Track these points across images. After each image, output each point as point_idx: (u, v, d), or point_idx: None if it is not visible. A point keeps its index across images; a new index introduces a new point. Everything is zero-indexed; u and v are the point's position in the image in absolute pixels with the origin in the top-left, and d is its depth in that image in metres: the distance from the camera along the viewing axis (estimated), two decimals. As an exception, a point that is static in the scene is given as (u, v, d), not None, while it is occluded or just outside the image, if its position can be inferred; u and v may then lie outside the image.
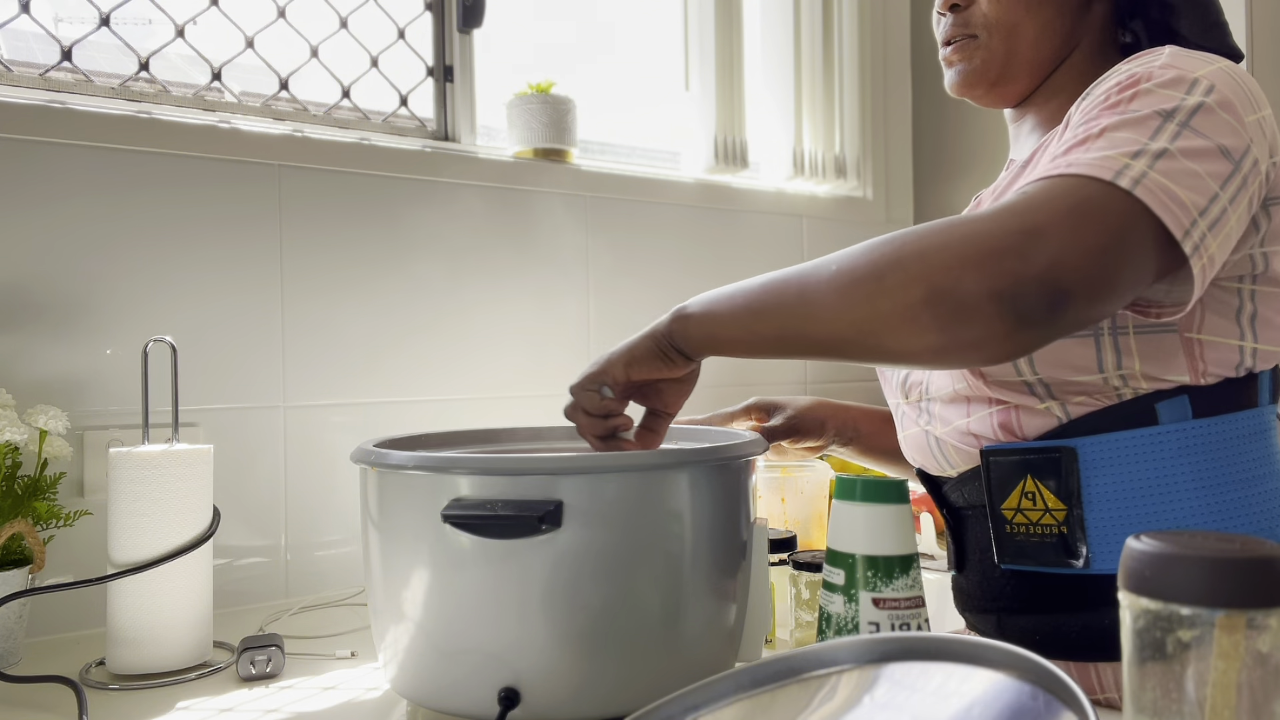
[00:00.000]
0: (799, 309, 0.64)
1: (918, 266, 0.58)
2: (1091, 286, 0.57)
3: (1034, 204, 0.59)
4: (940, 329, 0.58)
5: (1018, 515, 0.75)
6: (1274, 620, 0.37)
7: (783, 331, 0.66)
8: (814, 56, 1.79)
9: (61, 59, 1.17)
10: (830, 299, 0.62)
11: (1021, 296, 0.56)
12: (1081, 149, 0.63)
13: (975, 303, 0.56)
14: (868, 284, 0.60)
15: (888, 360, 0.62)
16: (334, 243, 1.24)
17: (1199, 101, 0.64)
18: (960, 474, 0.81)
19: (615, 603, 0.66)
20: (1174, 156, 0.61)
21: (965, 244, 0.57)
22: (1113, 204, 0.58)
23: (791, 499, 1.07)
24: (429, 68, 1.43)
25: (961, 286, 0.57)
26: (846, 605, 0.66)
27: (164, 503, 0.87)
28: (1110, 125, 0.63)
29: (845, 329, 0.62)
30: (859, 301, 0.61)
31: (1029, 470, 0.74)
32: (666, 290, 1.54)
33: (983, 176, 1.82)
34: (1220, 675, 0.37)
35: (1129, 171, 0.59)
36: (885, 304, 0.59)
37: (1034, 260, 0.56)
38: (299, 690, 0.83)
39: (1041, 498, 0.73)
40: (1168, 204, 0.59)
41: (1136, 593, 0.40)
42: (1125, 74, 0.68)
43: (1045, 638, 0.75)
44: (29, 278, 1.05)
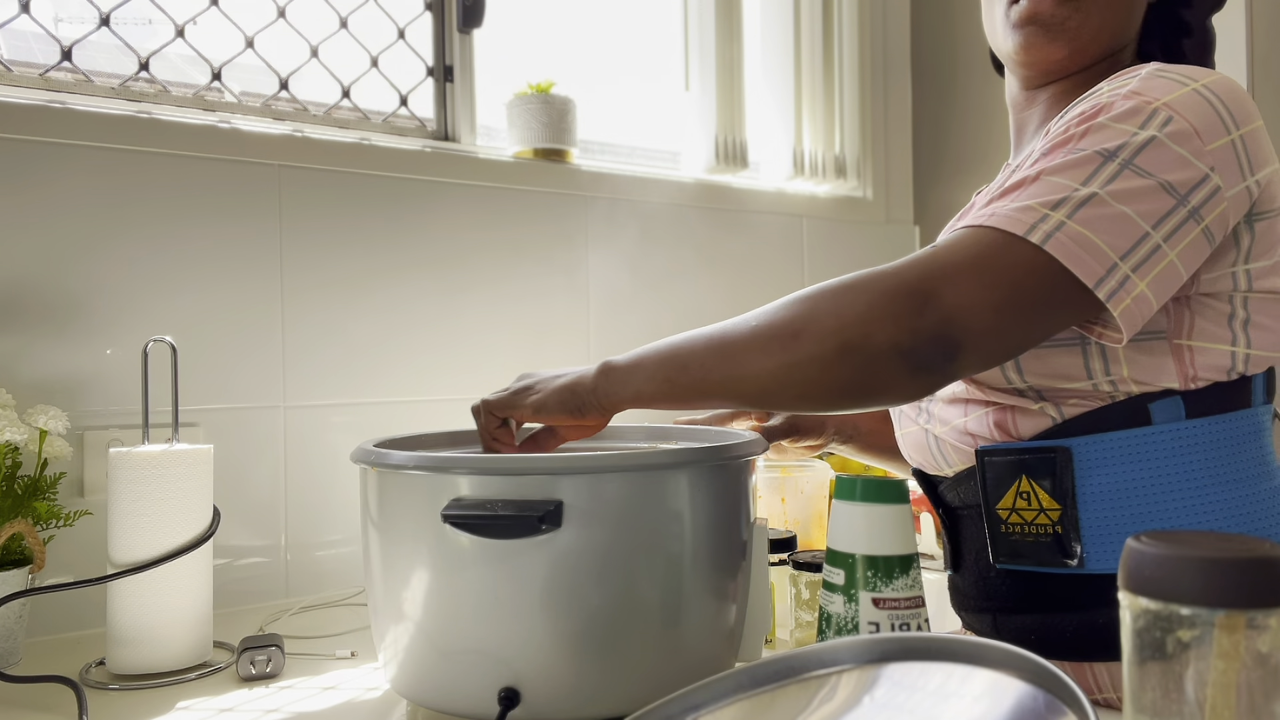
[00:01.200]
0: (722, 364, 0.68)
1: (831, 322, 0.64)
2: (984, 339, 0.62)
3: (940, 258, 0.64)
4: (853, 378, 0.63)
5: (1013, 515, 0.75)
6: (1274, 620, 0.37)
7: (705, 385, 0.69)
8: (814, 56, 1.79)
9: (61, 59, 1.17)
10: (752, 354, 0.66)
11: (918, 350, 0.62)
12: (1011, 195, 0.66)
13: (881, 355, 0.62)
14: (785, 339, 0.65)
15: (805, 407, 0.67)
16: (334, 243, 1.24)
17: (1149, 136, 0.64)
18: (956, 473, 0.81)
19: (615, 603, 0.66)
20: (1101, 202, 0.63)
21: (872, 298, 0.63)
22: (1017, 257, 0.62)
23: (791, 499, 1.07)
24: (429, 68, 1.44)
25: (869, 341, 0.62)
26: (846, 605, 0.66)
27: (164, 503, 0.87)
28: (1048, 169, 0.66)
29: (766, 380, 0.66)
30: (777, 354, 0.65)
31: (1024, 470, 0.74)
32: (666, 290, 1.54)
33: (983, 176, 1.82)
34: (1220, 675, 0.37)
35: (1043, 225, 0.63)
36: (802, 356, 0.64)
37: (928, 316, 0.62)
38: (299, 690, 0.83)
39: (1036, 497, 0.73)
40: (1079, 255, 0.62)
41: (1136, 593, 0.40)
42: (1090, 103, 0.69)
43: (1041, 637, 0.76)
44: (29, 278, 1.05)
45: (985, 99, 1.81)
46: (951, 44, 1.87)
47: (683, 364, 0.70)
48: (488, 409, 0.79)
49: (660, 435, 0.94)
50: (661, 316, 1.54)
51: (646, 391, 0.72)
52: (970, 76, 1.84)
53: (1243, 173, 0.66)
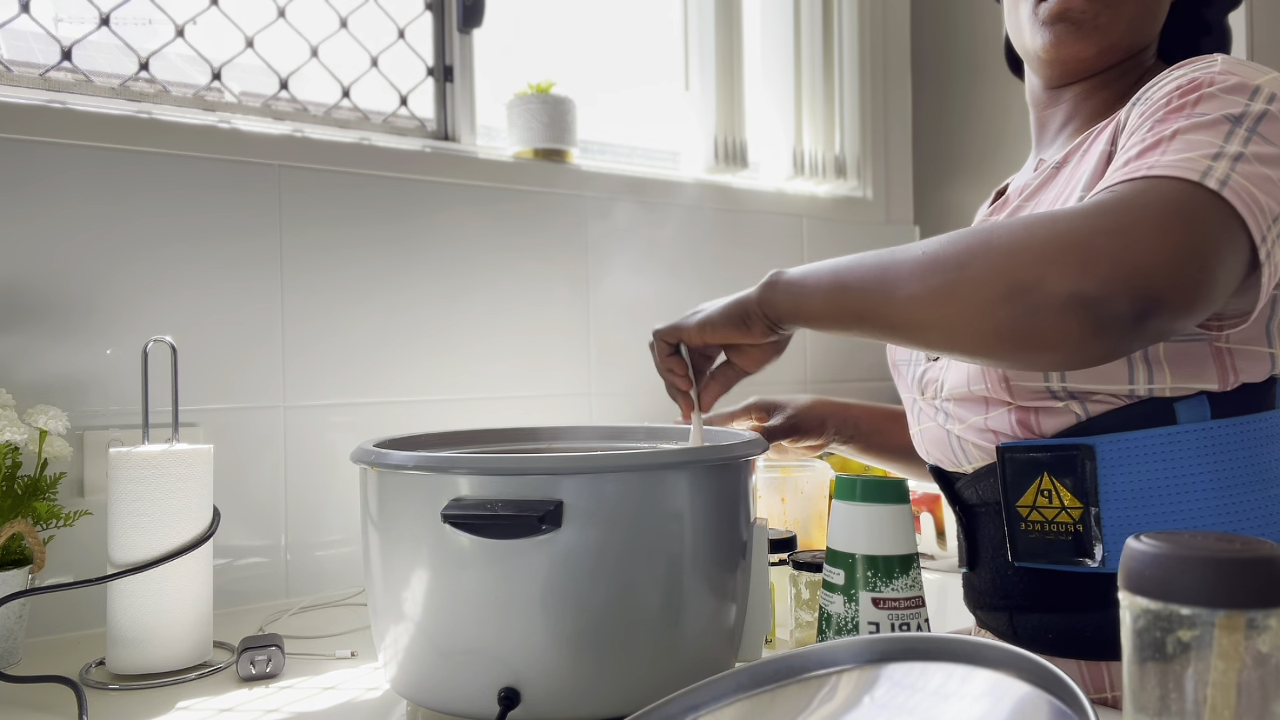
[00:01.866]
0: (881, 287, 0.65)
1: (1002, 260, 0.58)
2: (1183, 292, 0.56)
3: (1122, 205, 0.57)
4: (1015, 325, 0.57)
5: (1033, 513, 0.74)
6: (1274, 620, 0.37)
7: (863, 308, 0.66)
8: (814, 56, 1.79)
9: (61, 59, 1.17)
10: (912, 282, 0.62)
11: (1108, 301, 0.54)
12: (1157, 152, 0.62)
13: (1057, 303, 0.55)
14: (950, 271, 0.60)
15: (957, 350, 0.62)
16: (334, 243, 1.24)
17: (1263, 109, 0.63)
18: (975, 470, 0.81)
19: (615, 603, 0.66)
20: (1249, 160, 0.60)
21: (1052, 241, 0.56)
22: (1201, 205, 0.57)
23: (791, 499, 1.07)
24: (429, 68, 1.44)
25: (1045, 285, 0.55)
26: (846, 605, 0.66)
27: (164, 503, 0.87)
28: (1182, 128, 0.62)
29: (922, 312, 0.62)
30: (939, 288, 0.61)
31: (1046, 467, 0.73)
32: (666, 290, 1.54)
33: (983, 177, 1.82)
34: (1220, 675, 0.37)
35: (1214, 173, 0.58)
36: (965, 292, 0.59)
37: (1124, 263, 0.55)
38: (299, 690, 0.83)
39: (1058, 495, 0.73)
40: (1251, 207, 0.58)
41: (1136, 593, 0.40)
42: (1185, 78, 0.67)
43: (1058, 636, 0.75)
44: (29, 278, 1.05)
45: (985, 99, 1.81)
46: (951, 44, 1.87)
47: (844, 284, 0.68)
48: (658, 337, 0.79)
49: (660, 435, 0.94)
50: (661, 316, 1.53)
51: (807, 308, 0.71)
52: (970, 76, 1.84)
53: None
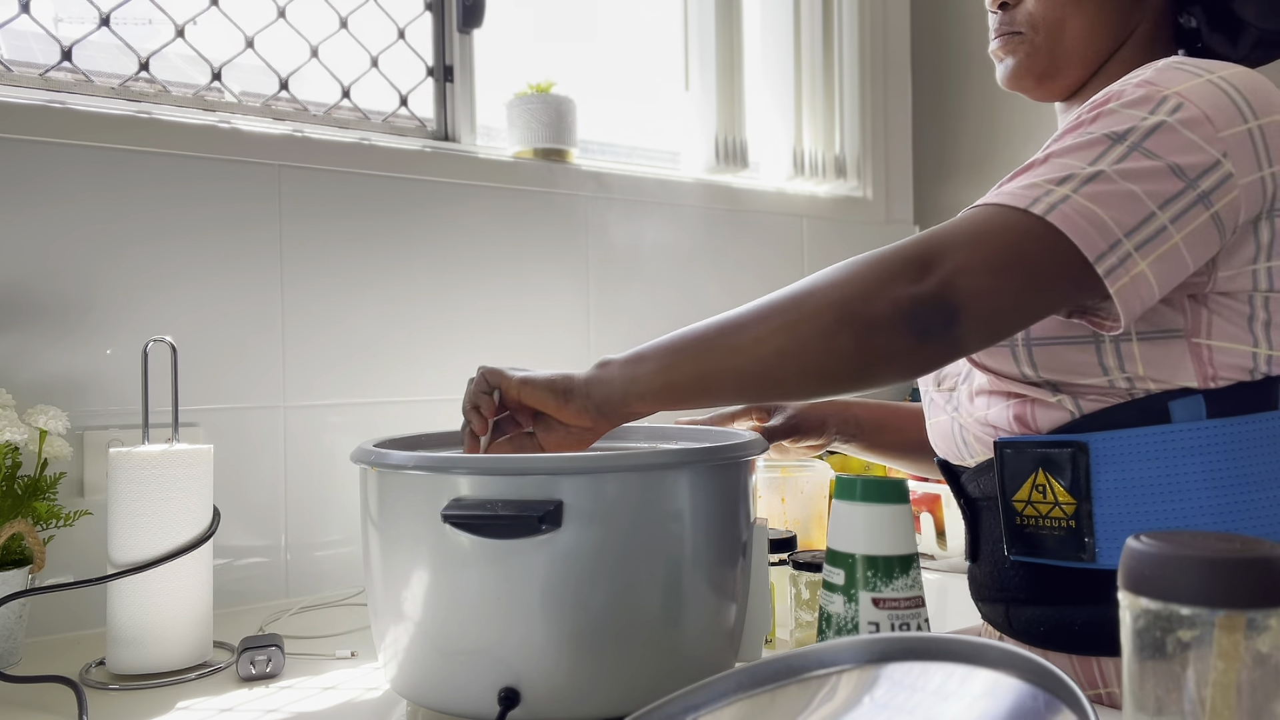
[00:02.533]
0: (721, 341, 0.67)
1: (832, 293, 0.64)
2: (985, 303, 0.62)
3: (943, 230, 0.64)
4: (856, 348, 0.63)
5: (1028, 507, 0.75)
6: (1274, 620, 0.37)
7: (706, 367, 0.67)
8: (814, 56, 1.79)
9: (61, 59, 1.17)
10: (751, 329, 0.66)
11: (917, 314, 0.61)
12: (1020, 177, 0.66)
13: (881, 320, 0.62)
14: (787, 311, 0.65)
15: (809, 386, 0.65)
16: (334, 243, 1.24)
17: (1158, 121, 0.65)
18: (977, 464, 0.82)
19: (615, 603, 0.66)
20: (1109, 179, 0.63)
21: (873, 269, 0.63)
22: (1018, 227, 0.63)
23: (791, 499, 1.07)
24: (429, 68, 1.44)
25: (870, 307, 0.62)
26: (846, 605, 0.66)
27: (164, 503, 0.87)
28: (1057, 151, 0.66)
29: (769, 355, 0.65)
30: (777, 328, 0.65)
31: (1040, 463, 0.74)
32: (666, 290, 1.54)
33: (983, 177, 1.82)
34: (1220, 675, 0.37)
35: (1047, 199, 0.63)
36: (805, 328, 0.64)
37: (927, 280, 0.61)
38: (299, 690, 0.83)
39: (1052, 491, 0.74)
40: (1084, 227, 0.62)
41: (1136, 593, 0.40)
42: (1103, 94, 0.69)
43: (1051, 630, 0.76)
44: (29, 278, 1.05)
45: (985, 99, 1.81)
46: (951, 44, 1.87)
47: (680, 350, 0.69)
48: (481, 375, 0.76)
49: (660, 435, 0.94)
50: (662, 316, 1.54)
51: (646, 384, 0.69)
52: (970, 76, 1.84)
53: (1259, 162, 0.66)
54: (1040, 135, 1.71)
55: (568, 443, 0.76)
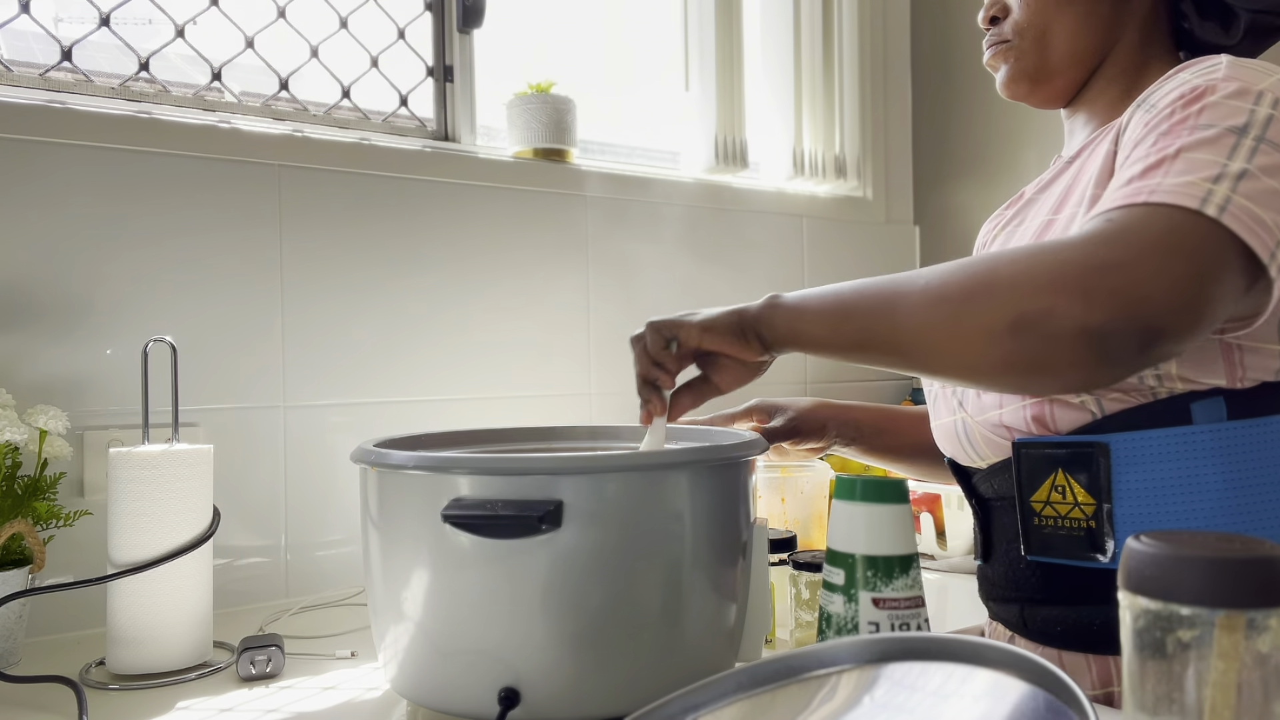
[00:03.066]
0: (887, 316, 0.66)
1: (1007, 292, 0.60)
2: (1183, 322, 0.58)
3: (1123, 235, 0.60)
4: (1021, 355, 0.59)
5: (1046, 508, 0.75)
6: (1274, 620, 0.37)
7: (867, 336, 0.67)
8: (814, 56, 1.79)
9: (61, 59, 1.17)
10: (919, 312, 0.64)
11: (1113, 334, 0.57)
12: (1159, 172, 0.63)
13: (1064, 335, 0.58)
14: (956, 301, 0.62)
15: (961, 378, 0.64)
16: (334, 243, 1.24)
17: (1268, 114, 0.64)
18: (990, 465, 0.82)
19: (615, 603, 0.66)
20: (1254, 176, 0.61)
21: (1057, 273, 0.58)
22: (1201, 234, 0.59)
23: (791, 499, 1.07)
24: (429, 68, 1.44)
25: (1052, 317, 0.58)
26: (846, 605, 0.66)
27: (164, 503, 0.87)
28: (1186, 145, 0.64)
29: (927, 342, 0.64)
30: (945, 317, 0.62)
31: (1060, 464, 0.74)
32: (666, 290, 1.54)
33: (983, 177, 1.82)
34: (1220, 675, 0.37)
35: (1213, 198, 0.60)
36: (971, 323, 0.61)
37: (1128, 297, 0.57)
38: (299, 690, 0.83)
39: (1071, 491, 0.74)
40: (1254, 228, 0.60)
41: (1136, 593, 0.40)
42: (1188, 86, 0.68)
43: (1067, 629, 0.76)
44: (29, 278, 1.05)
45: (985, 99, 1.81)
46: (951, 44, 1.87)
47: (847, 313, 0.68)
48: (654, 329, 0.77)
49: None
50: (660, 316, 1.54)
51: (807, 333, 0.71)
52: (970, 76, 1.84)
53: None
54: (1040, 135, 1.71)
55: (744, 376, 0.78)
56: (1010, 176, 1.77)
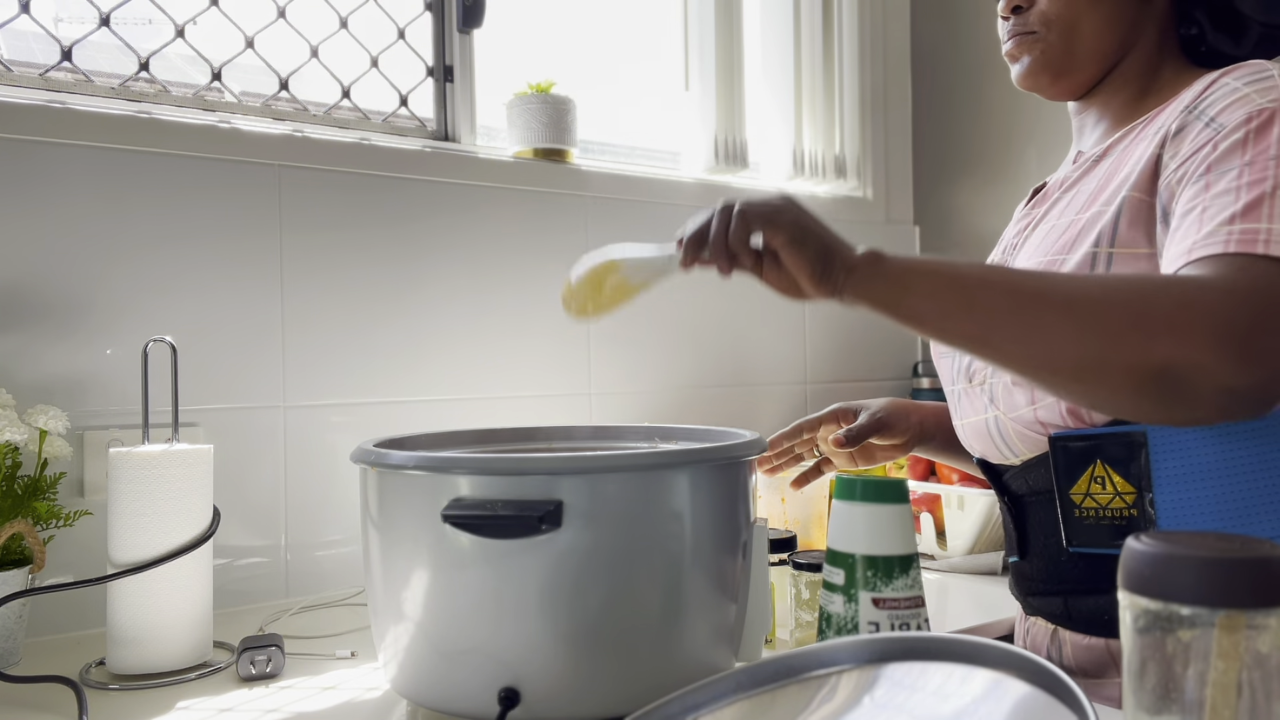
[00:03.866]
0: (1016, 324, 0.64)
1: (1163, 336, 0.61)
2: None
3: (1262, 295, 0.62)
4: (1159, 401, 0.63)
5: (1087, 499, 0.76)
6: (1274, 620, 0.37)
7: (985, 334, 0.65)
8: (814, 56, 1.79)
9: (61, 59, 1.17)
10: (1062, 333, 0.63)
11: (1250, 397, 0.61)
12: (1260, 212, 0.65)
13: (1206, 390, 0.61)
14: (1105, 336, 0.62)
15: (1090, 403, 0.66)
16: (334, 243, 1.24)
17: None
18: (1024, 461, 0.82)
19: (615, 603, 0.66)
20: None
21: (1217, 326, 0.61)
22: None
23: (791, 499, 1.07)
24: (429, 68, 1.44)
25: (1200, 373, 0.61)
26: (846, 605, 0.66)
27: (164, 503, 0.87)
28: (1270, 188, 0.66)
29: (1062, 366, 0.64)
30: (1093, 349, 0.63)
31: (1099, 454, 0.75)
32: (666, 290, 1.54)
33: (982, 177, 1.82)
34: (1220, 675, 0.37)
35: None
36: (1119, 359, 0.62)
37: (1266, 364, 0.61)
38: (299, 690, 0.83)
39: (1111, 481, 0.75)
40: None
41: (1136, 593, 0.40)
42: (1253, 106, 0.70)
43: (1113, 617, 0.77)
44: (29, 278, 1.05)
45: (985, 99, 1.81)
46: (951, 44, 1.87)
47: (969, 302, 0.65)
48: (743, 218, 0.69)
49: (660, 435, 0.94)
50: (662, 316, 1.54)
51: (906, 306, 0.67)
52: (970, 76, 1.84)
53: None
54: (1041, 135, 1.71)
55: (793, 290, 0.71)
56: (1010, 176, 1.77)
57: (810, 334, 1.73)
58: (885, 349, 1.84)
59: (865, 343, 1.81)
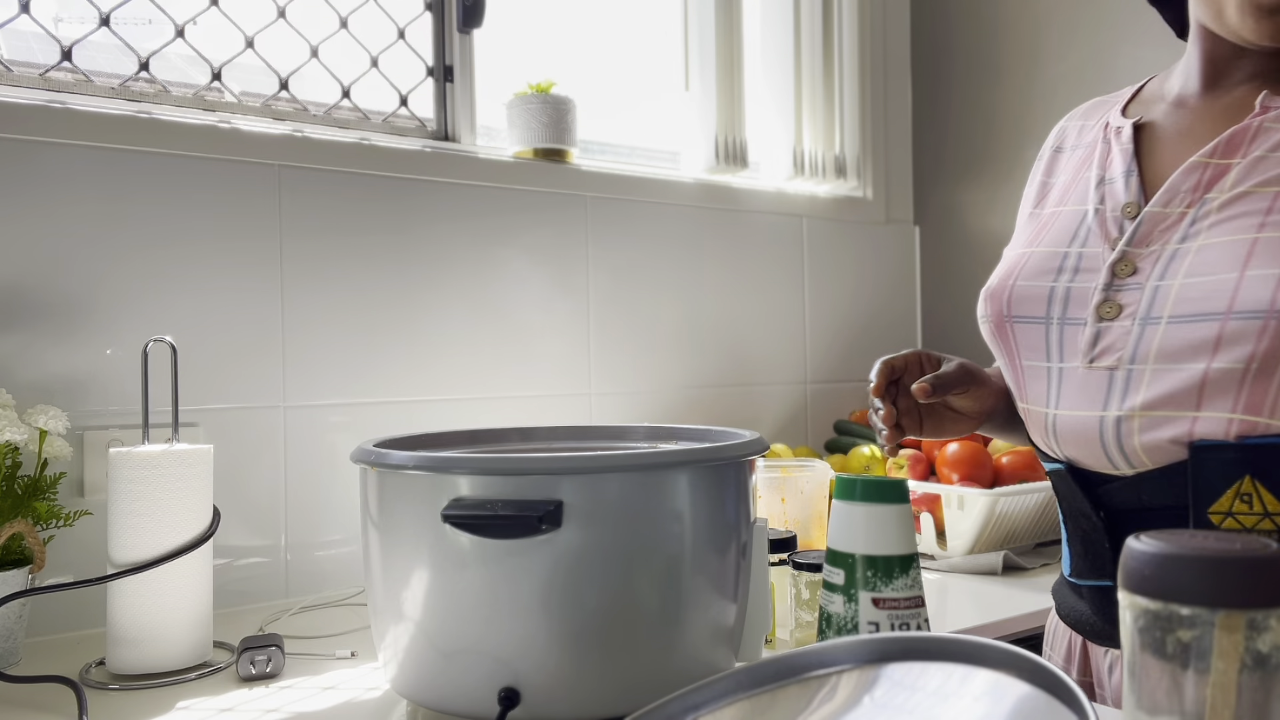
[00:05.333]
0: None
1: None
2: None
3: None
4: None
5: (1228, 520, 0.67)
6: (1274, 620, 0.37)
7: None
8: (814, 56, 1.79)
9: (61, 59, 1.17)
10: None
11: None
12: None
13: None
14: None
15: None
16: (334, 243, 1.24)
17: None
18: (1140, 473, 0.71)
19: (615, 603, 0.66)
20: None
21: None
22: None
23: (791, 499, 1.07)
24: (429, 68, 1.44)
25: None
26: (846, 605, 0.66)
27: (164, 503, 0.87)
28: None
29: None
30: None
31: (1250, 469, 0.66)
32: (666, 290, 1.54)
33: (983, 177, 1.82)
34: (1220, 675, 0.37)
35: None
36: None
37: None
38: (299, 690, 0.83)
39: (1259, 500, 0.66)
40: None
41: (1136, 593, 0.40)
42: None
43: None
44: (29, 278, 1.05)
45: (985, 99, 1.81)
46: (951, 44, 1.87)
47: None
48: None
49: (660, 435, 0.94)
50: (662, 317, 1.54)
51: None
52: (970, 76, 1.84)
53: None
54: (1040, 134, 1.71)
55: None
56: (1010, 176, 1.77)
57: (810, 334, 1.73)
58: (885, 349, 1.84)
59: (865, 343, 1.81)
